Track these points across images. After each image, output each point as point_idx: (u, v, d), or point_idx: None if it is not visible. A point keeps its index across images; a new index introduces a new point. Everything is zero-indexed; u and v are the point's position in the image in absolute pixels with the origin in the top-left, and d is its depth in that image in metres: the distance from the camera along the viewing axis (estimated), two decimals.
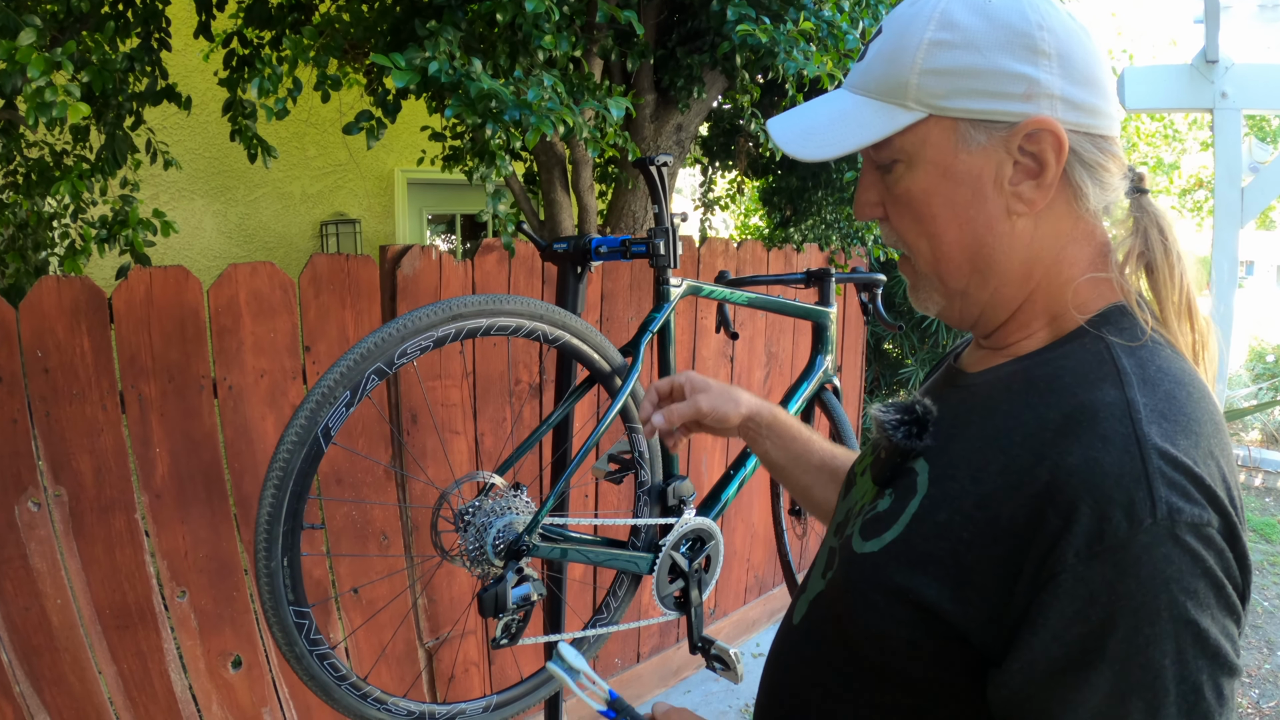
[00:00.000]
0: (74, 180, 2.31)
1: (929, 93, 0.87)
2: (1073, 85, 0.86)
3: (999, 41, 0.85)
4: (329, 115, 5.15)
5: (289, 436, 1.34)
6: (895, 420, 0.94)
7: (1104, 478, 0.75)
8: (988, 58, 0.85)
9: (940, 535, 0.84)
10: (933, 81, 0.87)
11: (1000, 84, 0.85)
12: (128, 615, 2.31)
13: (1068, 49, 0.86)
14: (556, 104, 2.05)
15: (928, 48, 0.87)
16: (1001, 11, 0.86)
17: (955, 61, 0.86)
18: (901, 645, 0.86)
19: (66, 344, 2.14)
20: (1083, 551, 0.73)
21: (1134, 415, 0.78)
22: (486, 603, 1.52)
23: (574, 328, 1.71)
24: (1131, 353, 0.85)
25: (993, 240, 0.90)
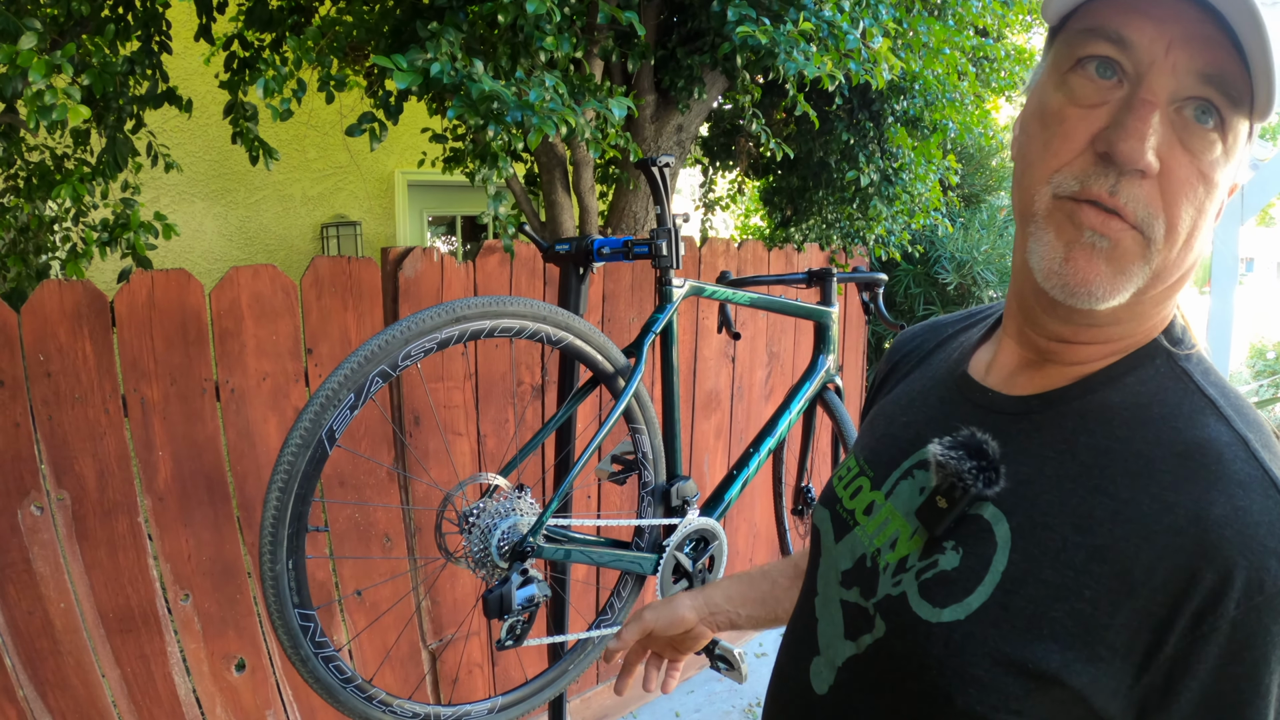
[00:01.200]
0: (75, 184, 2.31)
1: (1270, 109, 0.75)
2: None
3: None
4: (329, 118, 5.16)
5: (293, 439, 1.34)
6: (974, 469, 0.82)
7: (1256, 528, 0.70)
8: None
9: (1053, 595, 0.76)
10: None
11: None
12: (131, 618, 2.31)
13: None
14: (558, 105, 2.05)
15: None
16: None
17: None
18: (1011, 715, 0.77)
19: (69, 348, 2.14)
20: (1243, 602, 0.69)
21: (1258, 457, 0.74)
22: (491, 604, 1.52)
23: (577, 329, 1.71)
24: (1205, 377, 0.80)
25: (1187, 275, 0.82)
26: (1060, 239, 0.78)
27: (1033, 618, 0.76)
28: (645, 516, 1.98)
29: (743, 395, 4.18)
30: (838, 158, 3.96)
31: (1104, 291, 0.77)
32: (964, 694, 0.79)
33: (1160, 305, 0.83)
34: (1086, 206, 0.76)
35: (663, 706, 3.95)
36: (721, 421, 4.08)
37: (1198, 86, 0.73)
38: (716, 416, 4.03)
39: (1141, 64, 0.74)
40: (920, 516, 0.88)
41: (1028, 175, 0.81)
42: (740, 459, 2.28)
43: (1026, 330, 0.89)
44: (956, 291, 5.40)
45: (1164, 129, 0.74)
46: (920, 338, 1.12)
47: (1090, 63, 0.76)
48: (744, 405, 4.20)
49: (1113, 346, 0.84)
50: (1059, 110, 0.78)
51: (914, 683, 0.83)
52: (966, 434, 0.85)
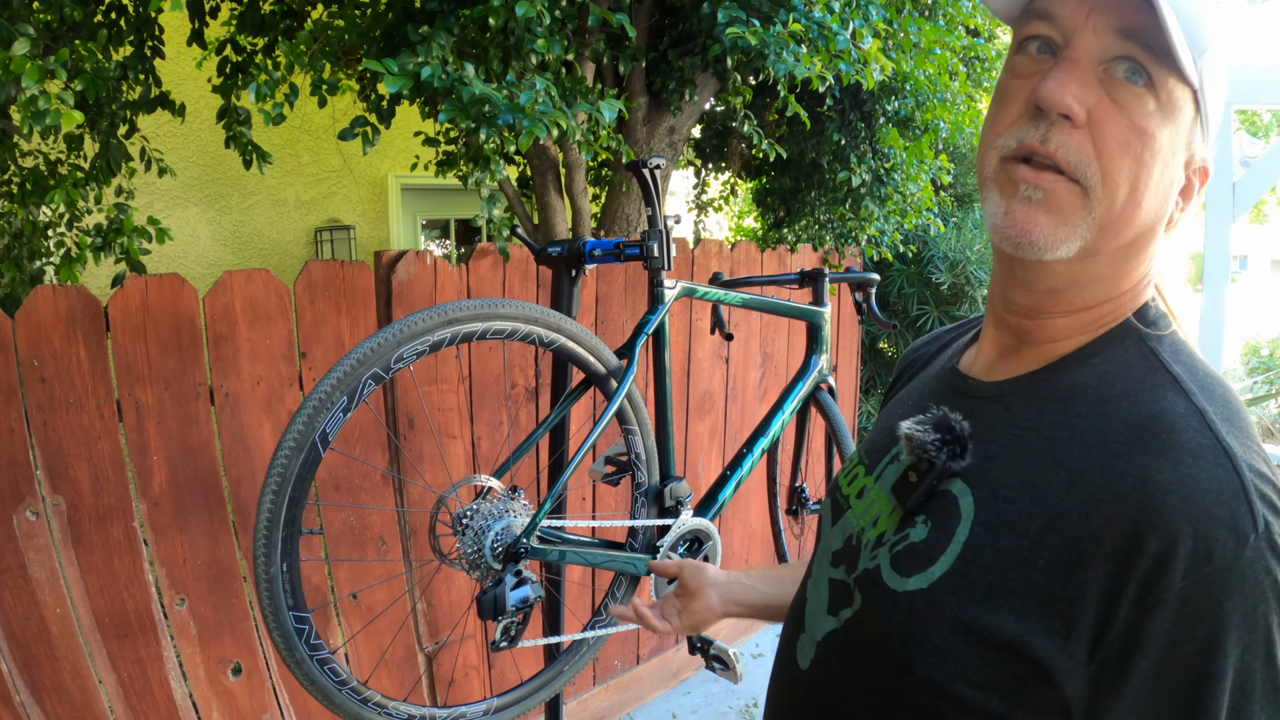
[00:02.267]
0: (69, 189, 2.31)
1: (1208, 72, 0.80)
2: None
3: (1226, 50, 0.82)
4: (322, 122, 5.16)
5: (286, 442, 1.35)
6: (937, 441, 0.86)
7: (1204, 495, 0.72)
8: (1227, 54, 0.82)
9: (1008, 564, 0.79)
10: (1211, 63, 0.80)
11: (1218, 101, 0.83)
12: (127, 623, 2.31)
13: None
14: (549, 107, 2.06)
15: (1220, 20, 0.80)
16: None
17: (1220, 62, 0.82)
18: (970, 688, 0.79)
19: (63, 353, 2.14)
20: (1190, 573, 0.70)
21: (1213, 427, 0.75)
22: (485, 605, 1.53)
23: (569, 331, 1.72)
24: (1175, 356, 0.82)
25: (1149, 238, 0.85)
26: (1003, 196, 0.83)
27: (990, 586, 0.79)
28: (639, 517, 1.99)
29: (737, 396, 4.19)
30: (830, 158, 3.97)
31: (1045, 240, 0.81)
32: (924, 662, 0.81)
33: (1121, 269, 0.85)
34: (1021, 165, 0.81)
35: (660, 708, 3.95)
36: (715, 423, 4.08)
37: (1119, 44, 0.77)
38: (710, 418, 4.04)
39: (1067, 32, 0.79)
40: (895, 492, 0.92)
41: (981, 148, 0.86)
42: (734, 459, 2.29)
43: (1000, 311, 0.92)
44: (950, 291, 5.41)
45: (1093, 86, 0.78)
46: (926, 346, 1.17)
47: (1031, 43, 0.83)
48: (738, 406, 4.21)
49: (1080, 320, 0.86)
50: (1004, 86, 0.85)
51: (881, 652, 0.87)
52: (938, 413, 0.89)
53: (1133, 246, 0.84)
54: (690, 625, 1.44)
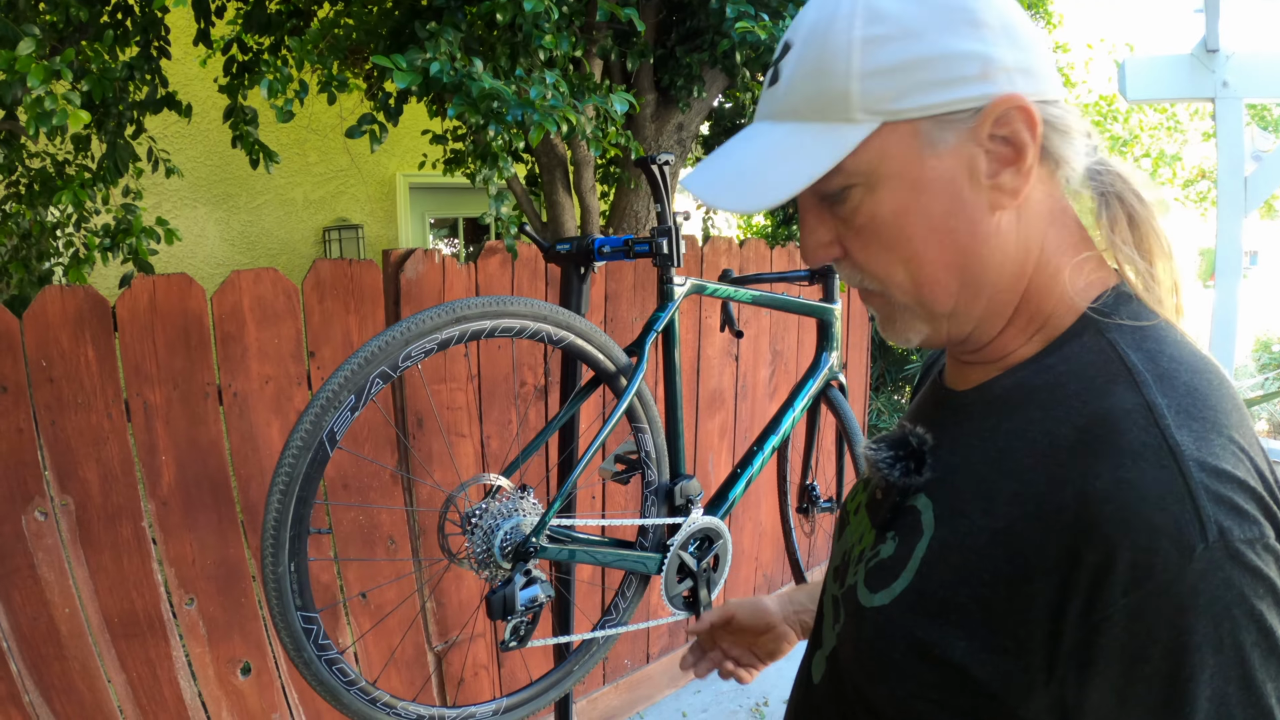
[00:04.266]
0: (76, 189, 2.31)
1: (877, 97, 0.74)
2: (1023, 52, 0.76)
3: (939, 22, 0.74)
4: (330, 121, 5.16)
5: (294, 441, 1.34)
6: (889, 457, 0.85)
7: (1142, 502, 0.66)
8: (932, 42, 0.73)
9: (958, 580, 0.76)
10: (878, 84, 0.74)
11: (953, 69, 0.74)
12: (136, 623, 2.31)
13: (1008, 16, 0.76)
14: (559, 102, 2.05)
15: (861, 46, 0.74)
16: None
17: (896, 56, 0.74)
18: (930, 706, 0.77)
19: (71, 353, 2.14)
20: (1131, 588, 0.65)
21: (1160, 422, 0.69)
22: (495, 605, 1.52)
23: (578, 328, 1.71)
24: (1138, 344, 0.75)
25: (980, 246, 0.79)
26: None
27: (942, 602, 0.76)
28: (649, 516, 1.98)
29: (747, 394, 4.18)
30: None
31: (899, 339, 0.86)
32: (886, 679, 0.80)
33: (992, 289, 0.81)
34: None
35: (669, 706, 3.95)
36: (725, 420, 4.07)
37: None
38: (720, 415, 4.02)
39: None
40: (868, 509, 0.92)
41: None
42: (744, 457, 2.27)
43: None
44: None
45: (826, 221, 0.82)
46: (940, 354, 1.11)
47: None
48: (748, 404, 4.20)
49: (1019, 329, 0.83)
50: None
51: (856, 667, 0.86)
52: (897, 430, 0.88)
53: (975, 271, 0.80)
54: (769, 655, 1.43)
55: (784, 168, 0.77)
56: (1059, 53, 6.84)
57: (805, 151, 0.77)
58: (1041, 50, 0.78)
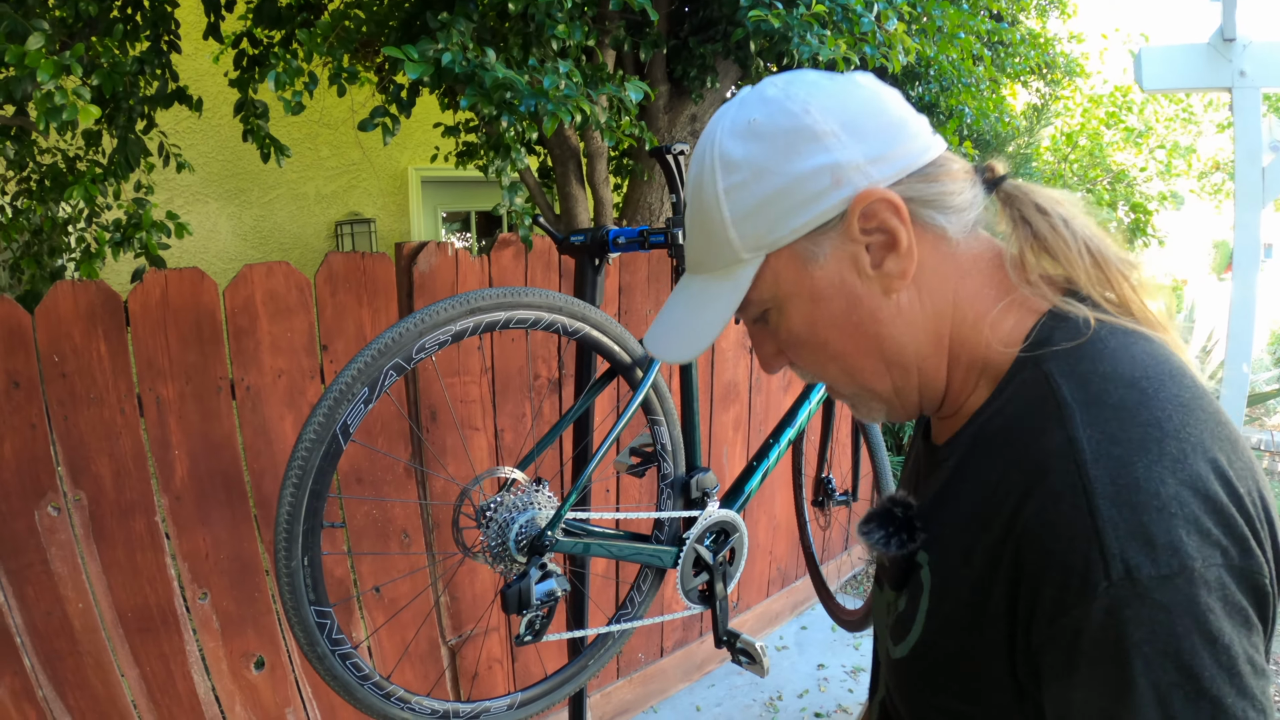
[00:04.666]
0: (87, 184, 2.30)
1: (753, 238, 0.84)
2: (869, 143, 0.81)
3: (781, 151, 0.81)
4: (342, 115, 5.15)
5: (307, 434, 1.33)
6: (881, 538, 0.90)
7: (1056, 540, 0.70)
8: (781, 173, 0.81)
9: (950, 631, 0.81)
10: (749, 226, 0.83)
11: (806, 188, 0.81)
12: (149, 618, 2.30)
13: (846, 114, 0.82)
14: (573, 91, 2.02)
15: (725, 197, 0.83)
16: (767, 124, 0.82)
17: (755, 196, 0.82)
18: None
19: (83, 348, 2.13)
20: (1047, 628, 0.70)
21: (1079, 458, 0.71)
22: (510, 599, 1.50)
23: (593, 319, 1.69)
24: (1072, 368, 0.77)
25: (887, 329, 0.85)
26: None
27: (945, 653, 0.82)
28: (664, 509, 1.96)
29: (761, 387, 4.15)
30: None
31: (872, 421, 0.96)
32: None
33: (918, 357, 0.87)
34: None
35: (684, 701, 3.93)
36: (740, 413, 4.05)
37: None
38: (735, 408, 4.00)
39: None
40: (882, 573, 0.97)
41: None
42: (760, 450, 2.26)
43: None
44: None
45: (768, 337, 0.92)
46: None
47: None
48: (762, 397, 4.17)
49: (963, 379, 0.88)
50: None
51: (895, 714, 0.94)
52: (883, 503, 0.92)
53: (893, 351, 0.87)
54: None
55: (704, 317, 0.89)
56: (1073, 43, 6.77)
57: (716, 299, 0.88)
58: (891, 128, 0.83)
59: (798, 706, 3.93)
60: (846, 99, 0.83)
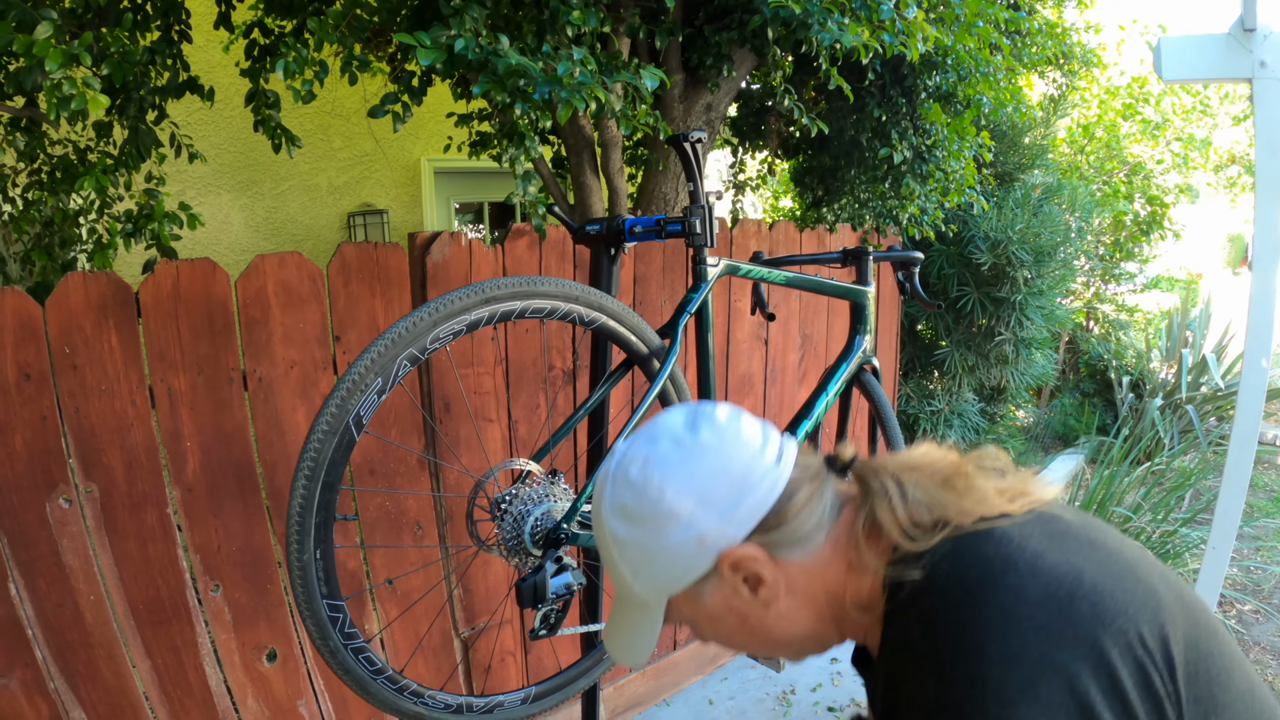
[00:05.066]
0: (98, 175, 2.28)
1: (654, 589, 1.03)
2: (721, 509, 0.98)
3: (652, 531, 0.99)
4: (354, 106, 5.13)
5: (319, 426, 1.30)
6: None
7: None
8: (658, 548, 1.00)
9: None
10: (648, 582, 1.03)
11: (681, 557, 0.99)
12: (161, 610, 2.29)
13: (696, 488, 0.99)
14: (588, 78, 1.99)
15: (623, 562, 1.03)
16: (635, 509, 1.00)
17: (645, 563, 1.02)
18: None
19: (94, 340, 2.12)
20: None
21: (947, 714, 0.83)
22: (525, 593, 1.48)
23: (610, 309, 1.66)
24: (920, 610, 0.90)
25: (775, 628, 1.03)
26: None
27: None
28: None
29: (776, 379, 4.12)
30: (869, 135, 3.88)
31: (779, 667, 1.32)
32: None
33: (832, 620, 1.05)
34: None
35: (696, 694, 3.92)
36: (755, 406, 4.02)
37: None
38: (750, 400, 3.98)
39: None
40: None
41: None
42: None
43: None
44: (990, 272, 5.30)
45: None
46: None
47: None
48: (777, 389, 4.15)
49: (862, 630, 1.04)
50: None
51: None
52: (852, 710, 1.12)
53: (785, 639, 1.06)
54: None
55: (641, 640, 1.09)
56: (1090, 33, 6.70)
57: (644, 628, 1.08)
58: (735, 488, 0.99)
59: (811, 701, 3.90)
60: (695, 471, 0.99)
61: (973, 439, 5.96)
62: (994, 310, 5.37)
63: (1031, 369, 5.76)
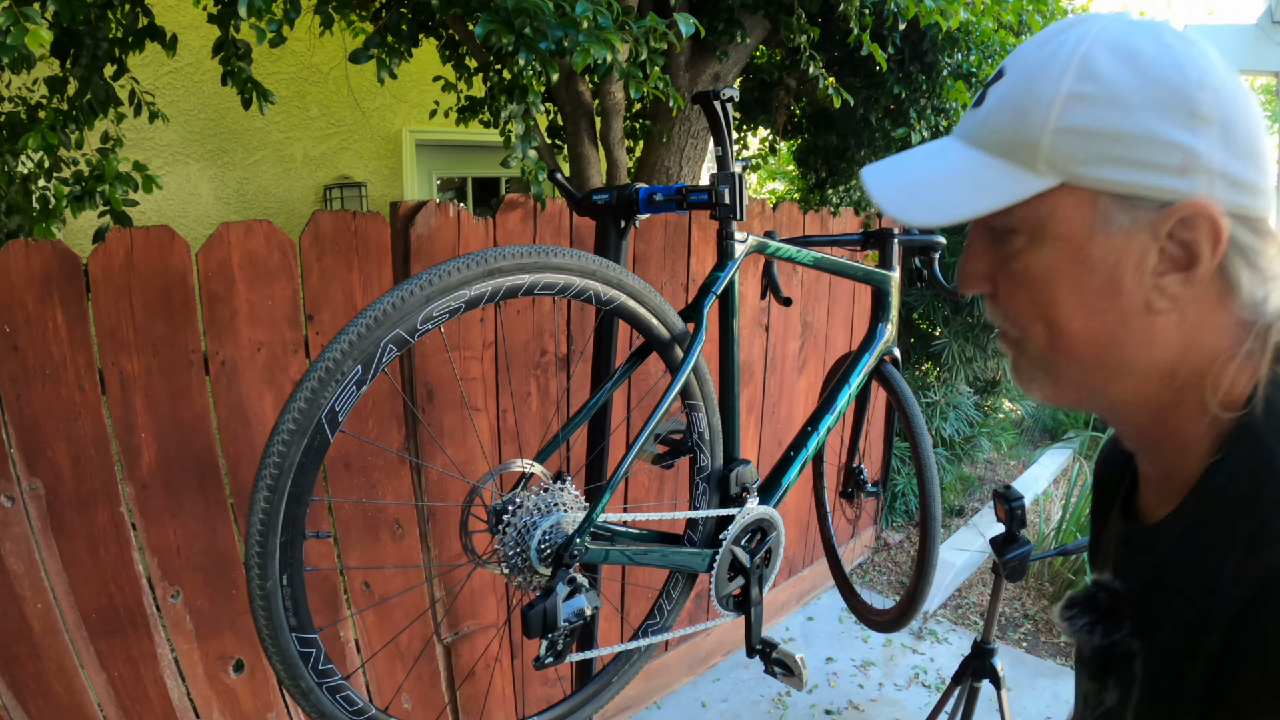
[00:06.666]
0: (44, 130, 2.03)
1: (1064, 156, 0.73)
2: (1235, 159, 0.71)
3: (1153, 100, 0.70)
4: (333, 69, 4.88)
5: (284, 424, 1.07)
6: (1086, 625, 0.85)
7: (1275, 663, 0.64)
8: (1138, 119, 0.70)
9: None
10: (1070, 143, 0.72)
11: (1152, 153, 0.71)
12: (116, 619, 2.08)
13: (1231, 114, 0.71)
14: (608, 22, 1.75)
15: (1065, 101, 0.72)
16: (1155, 64, 0.71)
17: (1098, 120, 0.71)
18: None
19: (37, 317, 1.88)
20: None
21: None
22: (533, 621, 1.26)
23: (630, 287, 1.44)
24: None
25: (1126, 337, 0.76)
26: None
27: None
28: (699, 505, 1.72)
29: (776, 367, 3.93)
30: (880, 114, 3.67)
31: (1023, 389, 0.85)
32: None
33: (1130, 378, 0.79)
34: None
35: (688, 695, 3.81)
36: (754, 395, 3.83)
37: None
38: (749, 390, 3.79)
39: None
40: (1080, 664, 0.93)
41: None
42: (797, 438, 2.05)
43: None
44: None
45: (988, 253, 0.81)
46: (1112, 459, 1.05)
47: None
48: (777, 378, 3.96)
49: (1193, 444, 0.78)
50: None
51: None
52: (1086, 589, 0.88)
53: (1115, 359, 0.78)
54: None
55: (958, 193, 0.78)
56: None
57: (982, 184, 0.77)
58: (1258, 158, 0.73)
59: (807, 703, 3.78)
60: (1238, 102, 0.72)
61: (966, 432, 5.86)
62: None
63: None
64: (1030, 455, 7.14)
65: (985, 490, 6.16)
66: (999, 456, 6.97)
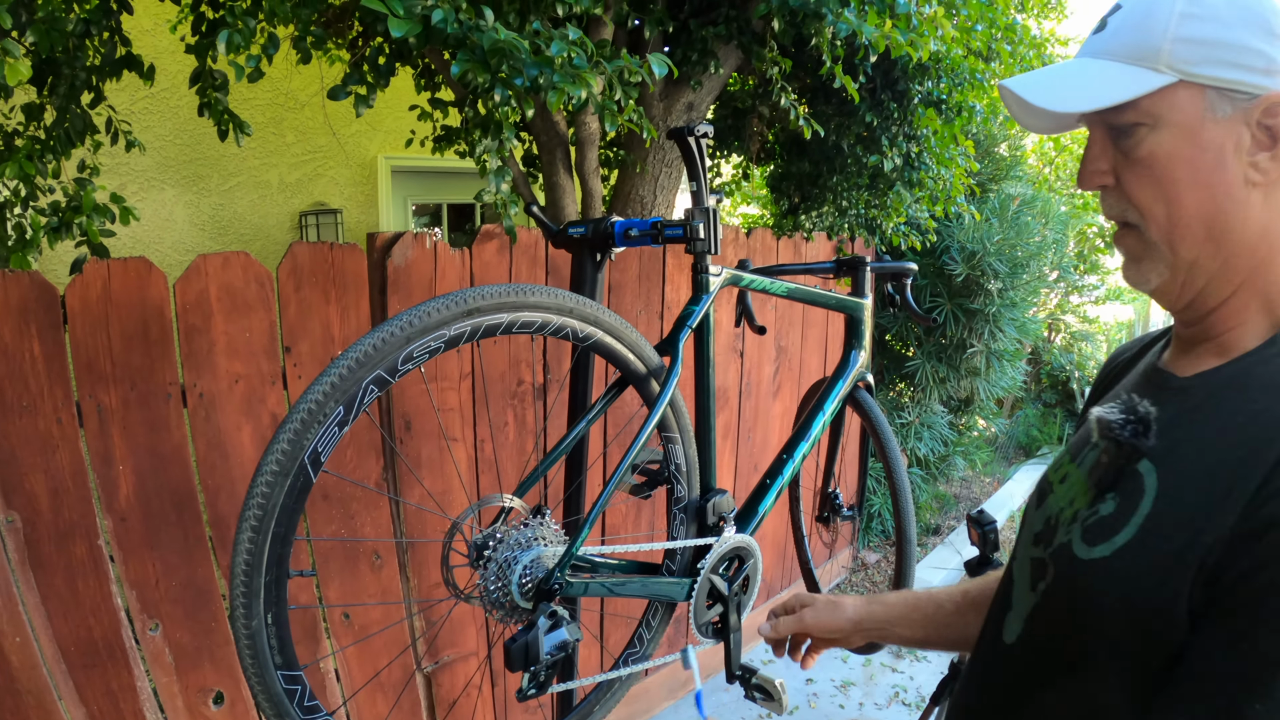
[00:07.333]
0: (21, 160, 2.03)
1: (1181, 59, 0.90)
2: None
3: (1242, 20, 0.89)
4: (309, 97, 4.89)
5: (268, 465, 1.08)
6: (1121, 420, 0.95)
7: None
8: (1234, 33, 0.89)
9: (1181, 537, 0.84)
10: (1185, 49, 0.90)
11: (1245, 57, 0.89)
12: (95, 652, 2.07)
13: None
14: (583, 61, 1.77)
15: (1179, 18, 0.90)
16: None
17: (1205, 33, 0.90)
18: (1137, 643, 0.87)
19: (14, 349, 1.88)
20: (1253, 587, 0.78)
21: None
22: (515, 655, 1.27)
23: (607, 324, 1.46)
24: None
25: (1231, 208, 0.92)
26: None
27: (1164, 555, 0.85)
28: (677, 535, 1.74)
29: (751, 392, 3.96)
30: (852, 141, 3.72)
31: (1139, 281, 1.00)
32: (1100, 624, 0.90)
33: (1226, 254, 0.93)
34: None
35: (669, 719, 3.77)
36: (729, 420, 3.85)
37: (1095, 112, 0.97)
38: (724, 415, 3.81)
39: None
40: (1090, 472, 1.00)
41: None
42: (773, 466, 2.06)
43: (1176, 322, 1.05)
44: (963, 283, 5.20)
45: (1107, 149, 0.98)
46: (1127, 350, 1.23)
47: None
48: (752, 402, 3.98)
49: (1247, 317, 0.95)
50: None
51: (1068, 616, 0.96)
52: (1125, 399, 0.98)
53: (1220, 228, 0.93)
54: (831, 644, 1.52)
55: (1100, 86, 0.94)
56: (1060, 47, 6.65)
57: (1114, 81, 0.94)
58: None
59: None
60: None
61: (941, 451, 5.90)
62: (966, 322, 5.30)
63: (1002, 380, 5.70)
64: (1005, 472, 7.18)
65: (961, 508, 6.20)
66: (974, 474, 7.03)
